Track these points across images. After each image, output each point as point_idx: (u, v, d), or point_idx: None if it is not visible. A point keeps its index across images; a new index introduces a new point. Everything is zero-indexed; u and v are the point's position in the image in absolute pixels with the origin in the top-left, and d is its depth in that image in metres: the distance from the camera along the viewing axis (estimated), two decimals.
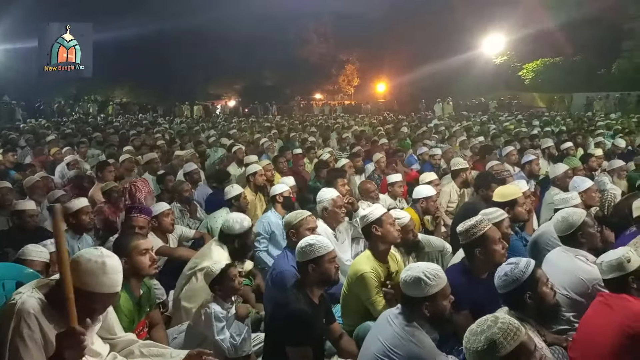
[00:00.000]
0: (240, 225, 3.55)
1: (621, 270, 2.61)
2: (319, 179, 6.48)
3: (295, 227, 3.57)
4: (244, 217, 3.71)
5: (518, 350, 1.75)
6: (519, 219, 4.14)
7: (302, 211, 3.72)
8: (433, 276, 2.32)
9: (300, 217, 3.59)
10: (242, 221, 3.59)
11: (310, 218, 3.61)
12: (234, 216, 3.69)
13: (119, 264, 2.21)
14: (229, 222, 3.59)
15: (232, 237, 3.55)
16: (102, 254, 2.14)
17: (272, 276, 3.49)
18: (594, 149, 7.73)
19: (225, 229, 3.59)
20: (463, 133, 11.77)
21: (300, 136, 11.57)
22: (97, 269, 2.09)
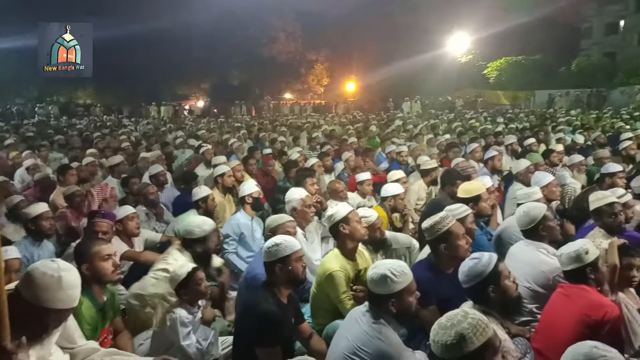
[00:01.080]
0: (200, 229, 3.50)
1: (579, 262, 2.70)
2: (288, 179, 6.46)
3: (272, 230, 3.53)
4: (204, 220, 3.65)
5: (484, 346, 1.79)
6: (483, 214, 4.24)
7: (283, 215, 3.68)
8: (399, 273, 2.35)
9: (280, 221, 3.57)
10: (202, 225, 3.53)
11: (290, 223, 3.59)
12: (193, 220, 3.61)
13: (77, 278, 2.11)
14: (189, 226, 3.53)
15: (193, 242, 3.49)
16: (59, 268, 2.05)
17: (247, 280, 3.44)
18: (555, 144, 7.98)
19: (185, 233, 3.53)
20: (430, 131, 11.97)
21: (270, 136, 11.50)
22: (52, 284, 1.99)
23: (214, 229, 3.62)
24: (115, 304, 3.03)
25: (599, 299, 2.67)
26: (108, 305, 2.89)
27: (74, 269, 2.14)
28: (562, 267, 2.81)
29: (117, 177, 6.66)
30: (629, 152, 7.14)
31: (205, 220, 3.64)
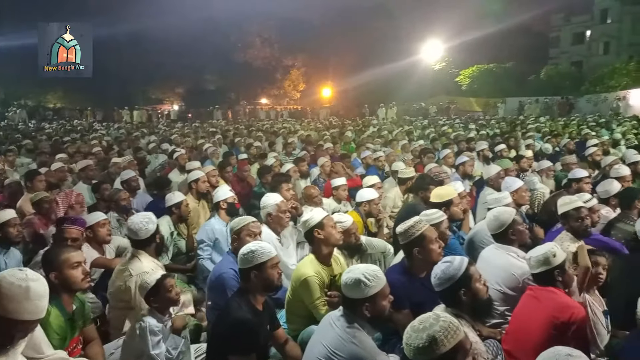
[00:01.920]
0: (145, 229, 3.43)
1: (547, 265, 2.77)
2: (263, 184, 6.44)
3: (237, 232, 3.52)
4: (147, 214, 3.56)
5: (456, 348, 1.82)
6: (454, 218, 4.31)
7: (246, 217, 3.66)
8: (372, 277, 2.37)
9: (243, 223, 3.54)
10: (146, 224, 3.46)
11: (253, 224, 3.56)
12: (137, 219, 3.50)
13: (45, 287, 2.06)
14: (136, 225, 3.43)
15: (143, 242, 3.45)
16: (27, 278, 1.99)
17: (211, 280, 3.43)
18: (525, 150, 8.19)
19: (132, 234, 3.46)
20: (404, 137, 12.12)
21: (245, 141, 11.45)
22: (19, 295, 1.94)
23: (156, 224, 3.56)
24: (86, 313, 2.96)
25: (566, 300, 2.74)
26: (77, 314, 2.82)
27: (42, 279, 2.08)
28: (531, 270, 2.87)
29: (88, 182, 6.52)
30: (595, 158, 7.39)
31: (145, 217, 3.53)
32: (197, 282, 4.59)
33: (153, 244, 3.52)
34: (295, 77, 43.10)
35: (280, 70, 42.81)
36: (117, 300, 3.41)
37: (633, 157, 6.64)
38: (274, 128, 17.49)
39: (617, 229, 4.29)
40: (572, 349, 1.84)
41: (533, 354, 1.94)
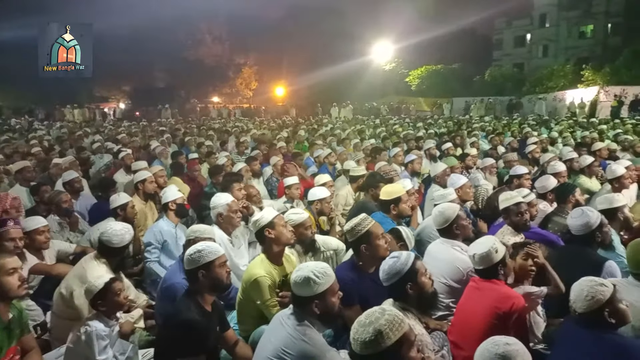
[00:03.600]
0: (120, 238, 3.35)
1: (490, 259, 2.88)
2: (214, 184, 6.34)
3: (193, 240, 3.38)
4: (123, 227, 3.48)
5: (400, 340, 1.87)
6: (403, 214, 4.43)
7: (202, 228, 3.55)
8: (321, 274, 2.39)
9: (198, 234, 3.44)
10: (123, 234, 3.38)
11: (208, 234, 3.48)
12: (113, 227, 3.44)
13: None
14: (107, 233, 3.36)
15: (112, 251, 3.34)
16: None
17: (162, 289, 3.34)
18: (470, 148, 8.52)
19: (104, 242, 3.36)
20: (357, 136, 12.29)
21: (196, 140, 11.22)
22: None
23: (132, 236, 3.47)
24: (24, 321, 2.81)
25: (507, 291, 2.87)
26: (14, 323, 2.68)
27: None
28: (474, 264, 2.97)
29: (26, 185, 6.17)
30: (534, 155, 7.79)
31: (124, 227, 3.47)
32: (144, 286, 4.46)
33: (119, 256, 3.40)
34: (247, 76, 42.64)
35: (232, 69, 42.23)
36: (64, 307, 3.25)
37: (569, 154, 7.04)
38: (226, 127, 17.24)
39: (553, 222, 4.56)
40: (509, 338, 1.94)
41: (477, 344, 2.01)
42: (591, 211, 3.45)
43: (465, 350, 2.82)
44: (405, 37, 36.39)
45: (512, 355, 1.83)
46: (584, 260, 3.29)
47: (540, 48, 41.30)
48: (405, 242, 3.72)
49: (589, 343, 2.32)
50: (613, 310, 2.32)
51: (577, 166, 6.54)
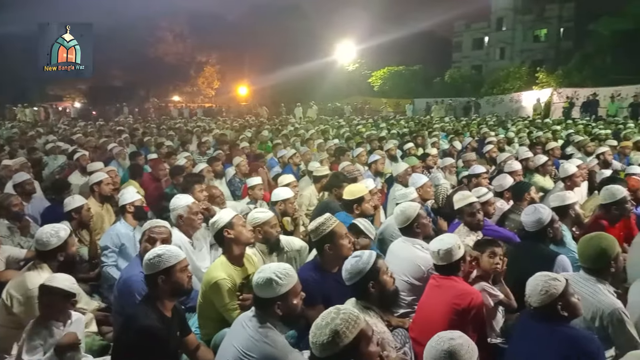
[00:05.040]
0: (57, 238, 3.20)
1: (452, 256, 2.94)
2: (175, 185, 6.19)
3: (141, 238, 3.34)
4: (58, 226, 3.32)
5: (358, 337, 1.87)
6: (366, 214, 4.47)
7: (153, 221, 3.48)
8: (283, 275, 2.37)
9: (146, 227, 3.36)
10: (57, 231, 3.22)
11: (157, 229, 3.38)
12: (46, 229, 3.26)
13: None
14: (43, 236, 3.19)
15: (52, 252, 3.20)
16: None
17: (119, 285, 3.24)
18: (430, 148, 8.69)
19: (41, 246, 3.20)
20: (320, 136, 12.31)
21: (155, 140, 10.94)
22: None
23: (70, 233, 3.33)
24: None
25: (465, 288, 2.94)
26: None
27: None
28: (435, 262, 3.02)
29: None
30: (492, 154, 8.03)
31: (59, 226, 3.31)
32: (101, 291, 4.31)
33: (55, 259, 3.24)
34: (209, 75, 42.00)
35: (194, 67, 41.48)
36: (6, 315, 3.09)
37: (524, 154, 7.30)
38: (187, 127, 16.90)
39: (509, 219, 4.71)
40: (453, 332, 1.96)
41: None
42: (543, 208, 3.58)
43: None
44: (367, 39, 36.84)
45: (457, 349, 1.87)
46: (536, 255, 3.41)
47: (497, 51, 42.70)
48: (366, 233, 3.73)
49: (544, 335, 2.41)
50: (566, 304, 2.41)
51: (532, 165, 6.79)
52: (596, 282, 2.81)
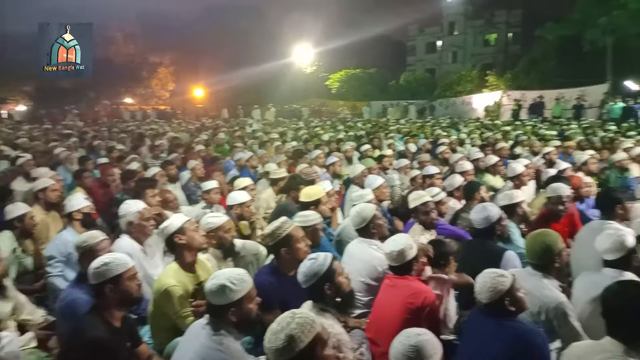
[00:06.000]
0: None
1: (405, 257, 2.99)
2: (126, 190, 5.99)
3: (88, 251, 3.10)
4: None
5: (314, 341, 1.87)
6: (323, 216, 4.46)
7: (96, 233, 3.30)
8: (237, 281, 2.33)
9: (94, 241, 3.16)
10: None
11: (106, 242, 3.24)
12: None
13: None
14: None
15: None
16: None
17: (62, 306, 3.05)
18: (386, 150, 8.83)
19: None
20: (278, 138, 12.26)
21: (107, 144, 10.56)
22: None
23: None
24: None
25: (419, 286, 3.00)
26: None
27: None
28: (389, 262, 3.07)
29: None
30: (445, 155, 8.24)
31: None
32: (47, 303, 4.09)
33: None
34: (163, 76, 40.98)
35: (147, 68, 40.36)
36: None
37: (475, 155, 7.54)
38: (140, 130, 16.42)
39: (461, 218, 4.84)
40: (420, 329, 2.04)
41: (392, 339, 2.09)
42: (491, 206, 3.71)
43: (382, 346, 2.89)
44: (324, 41, 37.15)
45: (423, 345, 1.96)
46: (485, 251, 3.52)
47: (449, 54, 44.04)
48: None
49: (492, 330, 2.48)
50: (513, 299, 2.50)
51: (482, 165, 7.02)
52: (542, 277, 2.93)
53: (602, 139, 10.39)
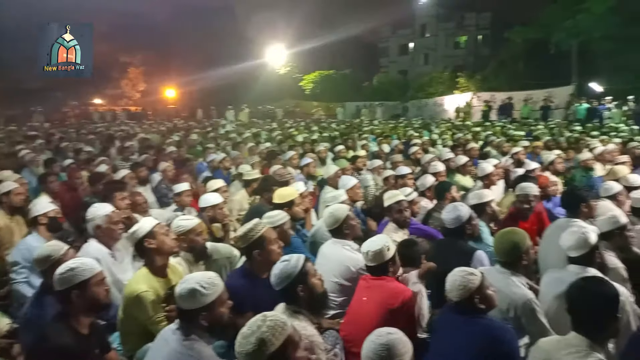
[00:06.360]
0: None
1: (382, 258, 3.01)
2: (94, 193, 5.84)
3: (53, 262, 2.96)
4: None
5: (285, 344, 1.86)
6: (296, 217, 4.48)
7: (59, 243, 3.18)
8: (208, 285, 2.30)
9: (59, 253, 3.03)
10: None
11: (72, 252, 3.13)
12: None
13: None
14: None
15: None
16: None
17: (27, 318, 2.95)
18: (360, 150, 8.88)
19: None
20: (252, 139, 12.18)
21: (74, 146, 10.28)
22: None
23: None
24: None
25: (397, 286, 3.02)
26: None
27: None
28: (367, 262, 3.08)
29: None
30: (417, 156, 8.35)
31: None
32: (11, 311, 3.95)
33: None
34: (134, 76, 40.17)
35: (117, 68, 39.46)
36: None
37: (447, 155, 7.68)
38: (109, 131, 16.05)
39: (433, 217, 4.91)
40: (391, 328, 2.07)
41: None
42: (462, 206, 3.78)
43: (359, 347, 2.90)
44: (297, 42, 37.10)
45: (395, 343, 2.00)
46: (456, 250, 3.58)
47: (421, 56, 44.64)
48: None
49: (463, 328, 2.53)
50: (482, 297, 2.55)
51: (453, 165, 7.14)
52: (510, 275, 2.99)
53: (567, 139, 10.72)
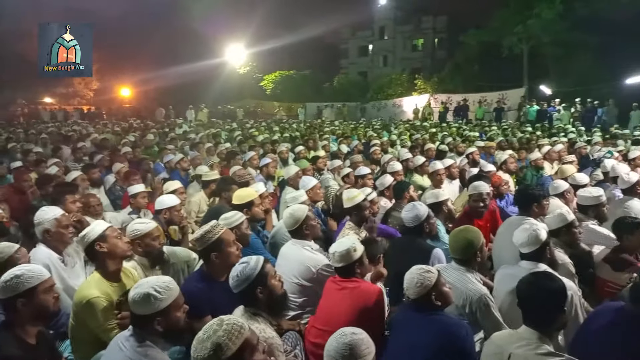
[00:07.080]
0: None
1: (349, 260, 3.02)
2: (43, 196, 5.57)
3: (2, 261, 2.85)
4: None
5: (242, 348, 1.84)
6: (256, 218, 4.44)
7: (9, 243, 3.03)
8: (163, 289, 2.23)
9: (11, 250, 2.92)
10: None
11: (22, 252, 2.99)
12: None
13: None
14: None
15: None
16: None
17: None
18: (320, 151, 8.91)
19: None
20: (211, 140, 11.98)
21: (22, 147, 9.79)
22: None
23: None
24: None
25: (367, 287, 3.04)
26: None
27: None
28: (334, 264, 3.08)
29: None
30: (376, 156, 8.46)
31: None
32: None
33: None
34: None
35: None
36: None
37: (405, 155, 7.82)
38: (61, 131, 15.39)
39: (392, 217, 4.99)
40: (354, 328, 2.08)
41: None
42: (420, 205, 3.86)
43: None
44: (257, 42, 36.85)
45: (358, 343, 2.00)
46: (415, 249, 3.65)
47: (380, 58, 45.29)
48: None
49: (420, 324, 2.58)
50: (438, 294, 2.61)
51: (411, 166, 7.28)
52: (465, 272, 3.08)
53: (519, 140, 11.15)
